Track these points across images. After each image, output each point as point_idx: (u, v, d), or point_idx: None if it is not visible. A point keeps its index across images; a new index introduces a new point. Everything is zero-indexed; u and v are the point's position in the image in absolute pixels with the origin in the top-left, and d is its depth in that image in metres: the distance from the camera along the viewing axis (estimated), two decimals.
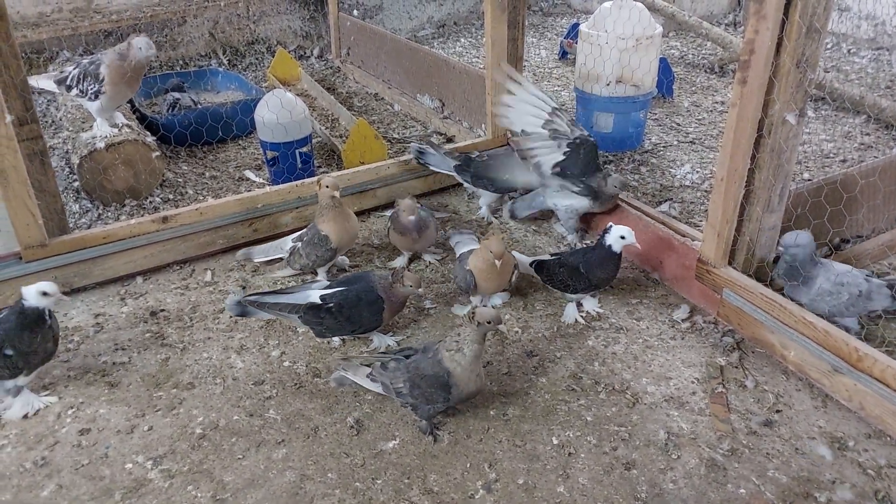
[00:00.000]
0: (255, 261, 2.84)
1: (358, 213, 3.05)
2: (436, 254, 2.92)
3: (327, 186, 2.59)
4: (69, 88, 3.24)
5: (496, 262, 2.34)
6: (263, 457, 1.97)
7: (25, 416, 2.12)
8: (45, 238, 2.57)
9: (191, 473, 1.92)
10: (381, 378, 2.05)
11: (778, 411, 2.13)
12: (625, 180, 2.87)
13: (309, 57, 5.44)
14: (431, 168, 3.22)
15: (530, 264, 2.67)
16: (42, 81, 3.33)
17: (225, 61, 5.13)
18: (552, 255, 2.64)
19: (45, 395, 2.19)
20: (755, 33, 2.10)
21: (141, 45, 3.13)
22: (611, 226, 2.48)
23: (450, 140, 3.97)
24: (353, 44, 5.06)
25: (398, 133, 4.12)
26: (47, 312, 2.08)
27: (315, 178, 3.07)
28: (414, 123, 4.27)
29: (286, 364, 2.33)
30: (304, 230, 2.74)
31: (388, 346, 2.41)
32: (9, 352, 2.03)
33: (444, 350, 1.97)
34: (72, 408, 2.15)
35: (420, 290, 2.35)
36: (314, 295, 2.33)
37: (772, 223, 2.43)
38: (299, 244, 2.71)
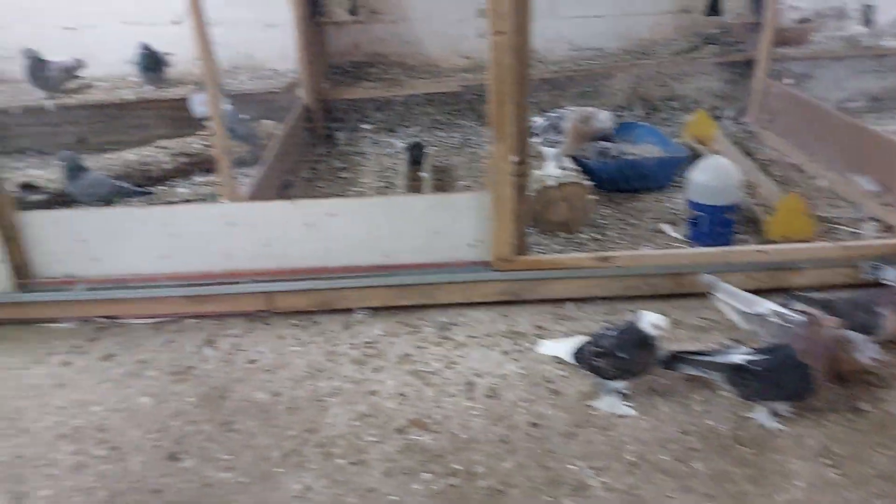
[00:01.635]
0: (717, 295, 2.86)
1: (780, 290, 3.01)
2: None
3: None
4: (534, 135, 3.91)
5: None
6: (692, 502, 2.13)
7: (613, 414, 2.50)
8: (513, 254, 3.16)
9: (623, 493, 2.18)
10: None
11: None
12: None
13: (721, 118, 5.48)
14: (888, 283, 2.93)
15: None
16: None
17: (641, 114, 5.50)
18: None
19: (626, 406, 2.52)
20: None
21: (602, 119, 3.68)
22: None
23: (888, 229, 3.61)
24: (777, 110, 4.94)
25: (825, 211, 3.90)
26: (653, 339, 2.43)
27: None
28: (842, 203, 3.99)
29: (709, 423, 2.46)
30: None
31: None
32: (621, 355, 2.45)
33: None
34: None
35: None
36: (738, 359, 2.44)
37: None
38: (778, 319, 2.61)
